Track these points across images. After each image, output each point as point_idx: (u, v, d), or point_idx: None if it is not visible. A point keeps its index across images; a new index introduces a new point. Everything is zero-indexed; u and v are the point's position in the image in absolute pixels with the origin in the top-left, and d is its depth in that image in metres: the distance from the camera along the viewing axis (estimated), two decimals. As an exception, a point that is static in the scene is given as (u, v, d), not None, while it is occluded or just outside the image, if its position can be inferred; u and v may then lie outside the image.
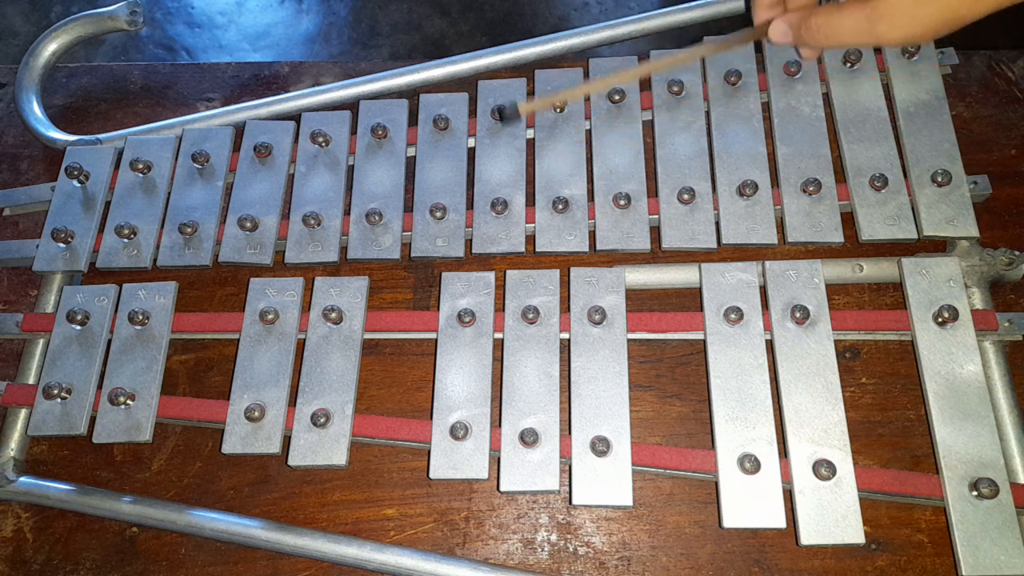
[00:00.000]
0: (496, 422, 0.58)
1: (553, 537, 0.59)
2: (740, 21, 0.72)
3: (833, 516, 0.53)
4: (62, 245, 0.67)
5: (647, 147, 0.68)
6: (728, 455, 0.55)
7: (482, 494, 0.60)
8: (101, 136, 0.74)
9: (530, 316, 0.60)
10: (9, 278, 0.71)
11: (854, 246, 0.64)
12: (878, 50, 0.70)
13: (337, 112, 0.72)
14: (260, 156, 0.70)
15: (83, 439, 0.61)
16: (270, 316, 0.62)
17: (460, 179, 0.68)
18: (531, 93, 0.71)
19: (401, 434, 0.59)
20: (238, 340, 0.62)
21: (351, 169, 0.70)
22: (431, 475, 0.56)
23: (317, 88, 0.75)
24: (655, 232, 0.65)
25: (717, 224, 0.64)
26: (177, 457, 0.63)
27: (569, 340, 0.60)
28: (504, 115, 0.60)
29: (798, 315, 0.59)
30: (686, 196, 0.64)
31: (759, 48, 0.71)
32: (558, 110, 0.69)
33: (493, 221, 0.65)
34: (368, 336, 0.63)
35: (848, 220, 0.64)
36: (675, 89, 0.69)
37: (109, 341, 0.63)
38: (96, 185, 0.70)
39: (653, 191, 0.66)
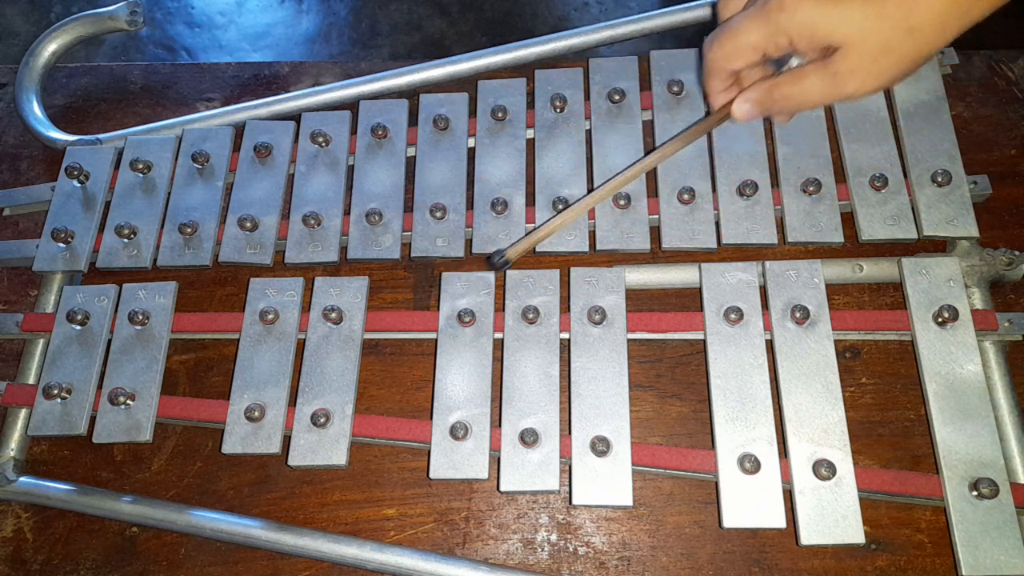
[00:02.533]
0: (496, 422, 0.58)
1: (553, 537, 0.59)
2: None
3: (833, 516, 0.53)
4: (62, 245, 0.67)
5: (647, 147, 0.68)
6: (728, 455, 0.55)
7: (482, 494, 0.60)
8: (101, 136, 0.74)
9: (530, 316, 0.60)
10: (9, 278, 0.71)
11: (854, 246, 0.64)
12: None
13: (337, 112, 0.72)
14: (260, 156, 0.70)
15: (83, 439, 0.61)
16: (270, 316, 0.62)
17: (460, 179, 0.68)
18: (531, 93, 0.71)
19: (401, 434, 0.59)
20: (238, 340, 0.62)
21: (351, 169, 0.70)
22: (431, 475, 0.56)
23: (317, 88, 0.75)
24: (655, 232, 0.65)
25: (717, 224, 0.64)
26: (177, 457, 0.63)
27: (569, 340, 0.60)
28: (495, 264, 0.59)
29: (798, 315, 0.59)
30: (686, 196, 0.64)
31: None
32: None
33: (493, 221, 0.65)
34: (368, 336, 0.63)
35: (848, 220, 0.64)
36: (675, 89, 0.69)
37: (109, 341, 0.63)
38: (96, 185, 0.70)
39: (653, 191, 0.66)
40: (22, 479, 0.61)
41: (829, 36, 0.44)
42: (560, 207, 0.64)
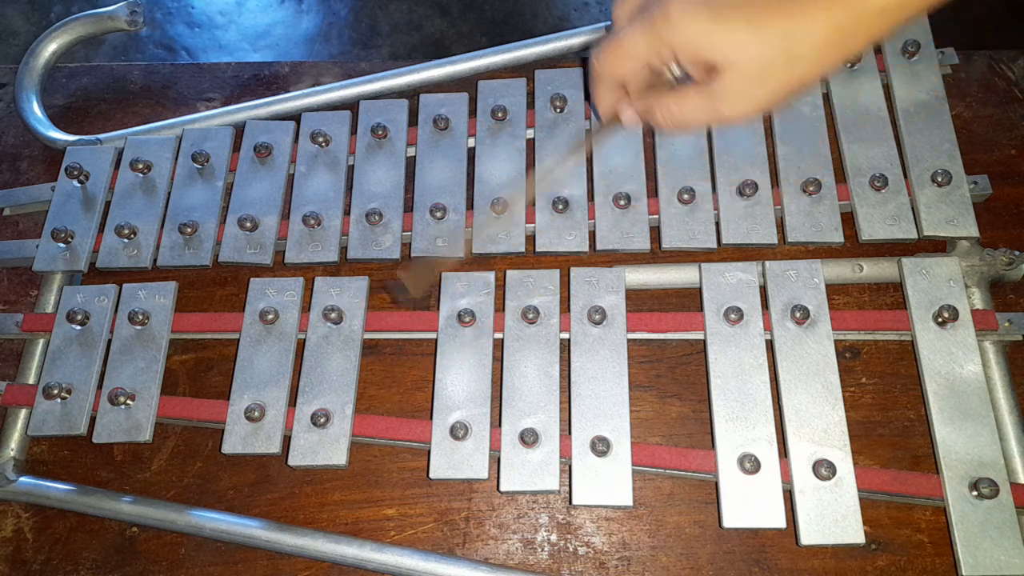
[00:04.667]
0: (496, 422, 0.58)
1: (553, 537, 0.59)
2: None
3: (833, 516, 0.53)
4: (62, 245, 0.67)
5: (647, 147, 0.68)
6: (728, 455, 0.55)
7: (482, 494, 0.60)
8: (101, 136, 0.74)
9: (530, 316, 0.60)
10: (9, 278, 0.71)
11: (854, 246, 0.64)
12: (878, 50, 0.70)
13: (337, 112, 0.72)
14: (260, 156, 0.70)
15: (83, 439, 0.61)
16: (270, 316, 0.62)
17: (460, 179, 0.68)
18: (531, 93, 0.71)
19: (401, 434, 0.59)
20: (238, 340, 0.62)
21: (351, 169, 0.70)
22: (431, 475, 0.56)
23: (317, 88, 0.75)
24: (655, 232, 0.65)
25: (717, 224, 0.64)
26: (177, 457, 0.63)
27: (569, 340, 0.60)
28: (397, 298, 0.60)
29: (798, 315, 0.59)
30: (686, 196, 0.64)
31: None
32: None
33: (493, 221, 0.65)
34: (368, 336, 0.63)
35: (848, 220, 0.64)
36: (675, 89, 0.69)
37: (109, 341, 0.63)
38: (96, 185, 0.70)
39: (653, 191, 0.66)
40: (22, 479, 0.61)
41: (711, 54, 0.45)
42: (560, 206, 0.64)
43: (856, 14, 0.42)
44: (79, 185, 0.70)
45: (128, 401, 0.60)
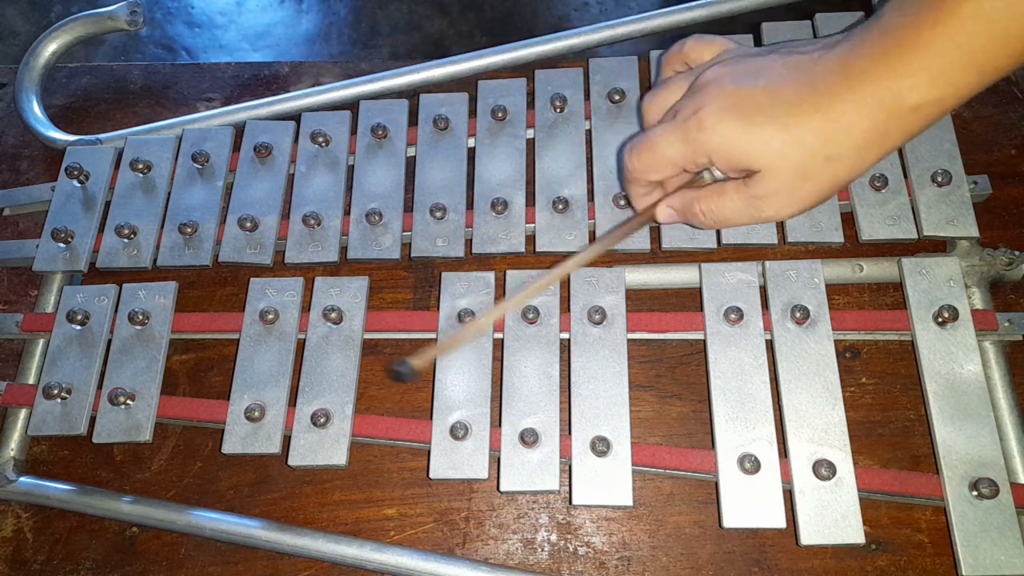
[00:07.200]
0: (496, 422, 0.58)
1: (553, 537, 0.59)
2: (741, 22, 0.72)
3: (833, 516, 0.53)
4: (62, 245, 0.67)
5: (647, 147, 0.68)
6: (728, 455, 0.55)
7: (482, 494, 0.60)
8: (101, 136, 0.74)
9: (530, 316, 0.60)
10: (9, 278, 0.71)
11: (854, 246, 0.64)
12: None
13: (337, 112, 0.72)
14: (260, 156, 0.70)
15: (83, 439, 0.61)
16: (270, 316, 0.62)
17: (460, 179, 0.68)
18: (531, 93, 0.71)
19: (401, 434, 0.59)
20: (238, 340, 0.62)
21: (351, 169, 0.70)
22: (431, 475, 0.56)
23: (317, 88, 0.75)
24: (655, 232, 0.65)
25: (717, 224, 0.64)
26: (177, 457, 0.63)
27: (569, 340, 0.60)
28: (401, 375, 0.50)
29: (798, 315, 0.59)
30: (686, 196, 0.64)
31: (758, 46, 0.71)
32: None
33: (493, 221, 0.65)
34: (368, 336, 0.63)
35: (848, 220, 0.64)
36: (675, 89, 0.69)
37: (109, 341, 0.63)
38: (96, 185, 0.70)
39: (653, 191, 0.66)
40: (22, 479, 0.61)
41: (748, 160, 0.44)
42: (560, 206, 0.64)
43: (892, 112, 0.40)
44: (79, 185, 0.70)
45: (128, 401, 0.60)
